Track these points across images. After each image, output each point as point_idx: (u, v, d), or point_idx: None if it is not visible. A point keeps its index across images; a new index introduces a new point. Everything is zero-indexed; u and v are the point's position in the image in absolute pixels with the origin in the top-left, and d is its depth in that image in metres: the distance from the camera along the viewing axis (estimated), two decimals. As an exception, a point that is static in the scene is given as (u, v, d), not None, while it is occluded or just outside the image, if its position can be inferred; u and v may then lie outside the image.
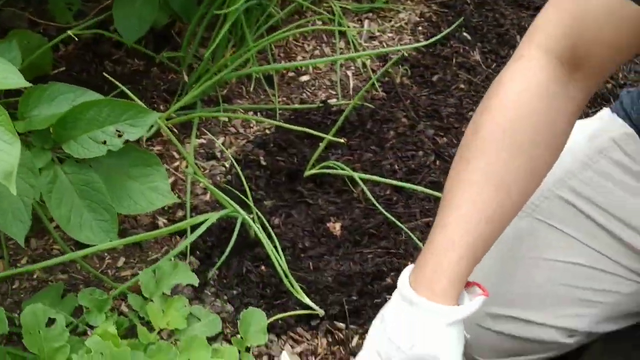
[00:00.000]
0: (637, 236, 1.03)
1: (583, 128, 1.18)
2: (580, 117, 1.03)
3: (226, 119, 1.55)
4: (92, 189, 1.10)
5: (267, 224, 1.34)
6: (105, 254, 1.30)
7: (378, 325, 0.86)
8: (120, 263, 1.30)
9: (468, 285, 0.86)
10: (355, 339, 1.25)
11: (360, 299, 1.29)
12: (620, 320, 1.12)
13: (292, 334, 1.25)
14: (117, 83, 1.25)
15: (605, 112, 1.18)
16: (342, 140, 1.46)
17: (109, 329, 1.05)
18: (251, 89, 1.64)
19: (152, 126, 1.44)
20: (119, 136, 1.10)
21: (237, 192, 1.35)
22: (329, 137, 1.39)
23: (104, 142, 1.09)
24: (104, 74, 1.31)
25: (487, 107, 0.88)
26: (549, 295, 1.06)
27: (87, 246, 1.10)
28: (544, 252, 1.07)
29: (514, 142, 0.85)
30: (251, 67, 1.55)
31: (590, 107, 1.70)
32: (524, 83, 0.87)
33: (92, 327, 1.14)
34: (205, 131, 1.52)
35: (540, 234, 1.08)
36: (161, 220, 1.36)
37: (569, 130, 0.93)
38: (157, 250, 1.33)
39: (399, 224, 1.36)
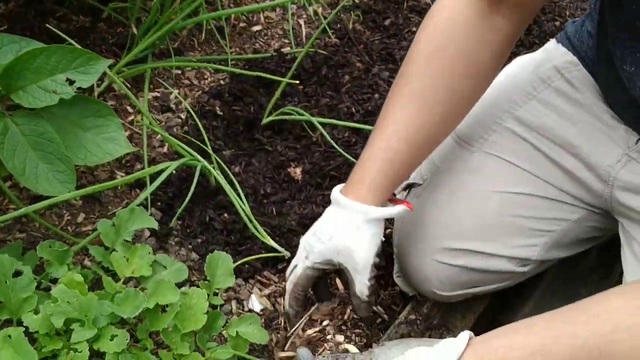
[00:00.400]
0: (580, 164, 1.06)
1: (529, 59, 1.21)
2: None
3: (179, 72, 1.53)
4: (45, 140, 1.07)
5: (228, 172, 1.33)
6: (64, 211, 1.28)
7: (310, 229, 1.03)
8: (80, 219, 1.28)
9: (398, 202, 1.02)
10: (322, 278, 1.27)
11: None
12: (571, 247, 1.16)
13: (259, 278, 1.26)
14: (63, 36, 1.22)
15: (551, 43, 1.21)
16: (297, 82, 1.46)
17: (74, 278, 1.03)
18: (202, 40, 1.61)
19: (103, 81, 1.41)
20: (70, 84, 1.07)
21: (195, 142, 1.34)
22: (286, 79, 1.38)
23: (55, 91, 1.06)
24: (49, 27, 1.27)
25: (417, 37, 0.98)
26: (501, 227, 1.10)
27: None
28: (495, 185, 1.10)
29: (435, 69, 0.95)
30: (197, 17, 1.52)
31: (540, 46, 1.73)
32: (447, 14, 0.96)
33: (55, 283, 1.13)
34: (159, 84, 1.49)
35: (490, 167, 1.11)
36: (119, 174, 1.34)
37: (496, 61, 0.99)
38: (117, 204, 1.31)
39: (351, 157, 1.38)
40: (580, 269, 1.31)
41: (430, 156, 1.16)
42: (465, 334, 0.81)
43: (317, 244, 1.00)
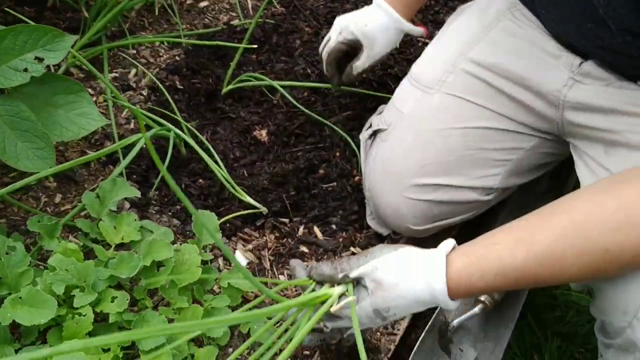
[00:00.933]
0: (532, 94, 1.16)
1: (474, 6, 1.31)
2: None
3: (134, 52, 1.55)
4: (21, 119, 1.09)
5: (200, 137, 1.38)
6: (40, 193, 1.30)
7: (348, 14, 1.38)
8: (57, 199, 1.30)
9: (418, 25, 1.36)
10: (301, 229, 1.34)
11: (298, 193, 1.37)
12: (527, 173, 1.27)
13: (241, 235, 1.31)
14: (19, 16, 1.23)
15: None
16: (254, 46, 1.52)
17: (69, 246, 1.07)
18: (152, 20, 1.64)
19: (60, 66, 1.43)
20: (39, 62, 1.09)
21: (162, 114, 1.38)
22: (243, 45, 1.43)
23: (26, 70, 1.08)
24: (8, 10, 1.28)
25: None
26: (464, 160, 1.19)
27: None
28: (455, 122, 1.19)
29: None
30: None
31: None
32: None
33: (47, 259, 1.15)
34: (115, 65, 1.51)
35: (449, 106, 1.20)
36: (91, 152, 1.36)
37: None
38: (92, 182, 1.33)
39: (322, 119, 1.45)
40: (534, 194, 1.42)
41: (392, 103, 1.25)
42: (450, 240, 0.89)
43: (352, 26, 1.32)
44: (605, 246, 0.79)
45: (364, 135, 1.33)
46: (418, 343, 1.10)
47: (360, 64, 1.35)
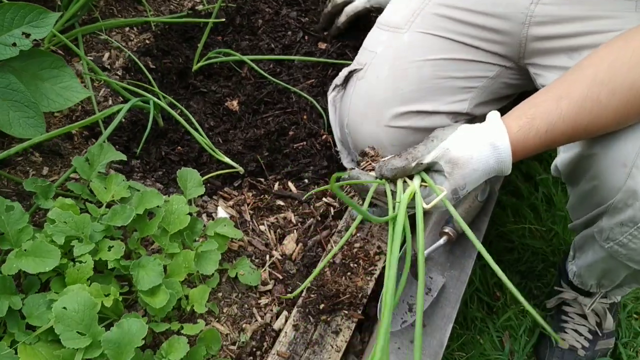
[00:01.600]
0: (499, 19, 1.27)
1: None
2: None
3: (106, 37, 1.64)
4: (12, 90, 1.17)
5: (179, 106, 1.47)
6: (28, 168, 1.37)
7: None
8: (45, 172, 1.37)
9: None
10: (276, 185, 1.45)
11: (271, 154, 1.47)
12: (491, 103, 1.39)
13: (221, 193, 1.41)
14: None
15: None
16: (223, 20, 1.63)
17: (65, 201, 1.15)
18: (120, 8, 1.73)
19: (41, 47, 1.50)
20: (27, 37, 1.18)
21: (136, 93, 1.47)
22: (211, 20, 1.53)
23: (14, 44, 1.17)
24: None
25: None
26: (436, 88, 1.31)
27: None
28: (426, 55, 1.31)
29: None
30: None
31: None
32: None
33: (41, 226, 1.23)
34: (89, 49, 1.60)
35: (420, 41, 1.32)
36: (73, 130, 1.44)
37: None
38: (77, 155, 1.41)
39: (288, 86, 1.56)
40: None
41: (364, 48, 1.36)
42: (495, 112, 1.00)
43: None
44: (631, 82, 0.91)
45: (330, 94, 1.44)
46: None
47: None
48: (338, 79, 1.38)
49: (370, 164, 1.06)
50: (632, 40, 0.95)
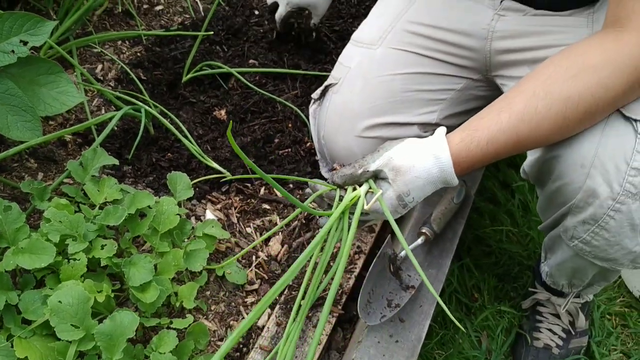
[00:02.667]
0: (462, 36, 1.36)
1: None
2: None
3: (99, 50, 1.71)
4: (10, 95, 1.23)
5: (170, 115, 1.54)
6: (23, 173, 1.43)
7: None
8: (39, 177, 1.43)
9: None
10: (262, 190, 1.51)
11: (257, 160, 1.54)
12: (459, 115, 1.47)
13: (209, 197, 1.47)
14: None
15: None
16: (211, 33, 1.70)
17: (60, 202, 1.21)
18: (113, 23, 1.80)
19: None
20: (24, 45, 1.24)
21: (128, 103, 1.54)
22: (201, 33, 1.61)
23: (12, 52, 1.23)
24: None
25: None
26: (406, 100, 1.38)
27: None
28: (397, 69, 1.38)
29: None
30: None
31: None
32: None
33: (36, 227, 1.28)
34: (83, 62, 1.67)
35: (391, 56, 1.39)
36: (67, 136, 1.51)
37: None
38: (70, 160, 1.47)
39: (274, 96, 1.63)
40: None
41: (339, 63, 1.43)
42: (442, 128, 1.07)
43: None
44: (567, 94, 0.98)
45: (311, 107, 1.51)
46: (371, 268, 1.27)
47: (314, 20, 1.69)
48: (315, 94, 1.45)
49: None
50: (569, 55, 1.02)
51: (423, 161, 1.03)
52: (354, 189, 1.08)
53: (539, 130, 1.01)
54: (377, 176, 1.07)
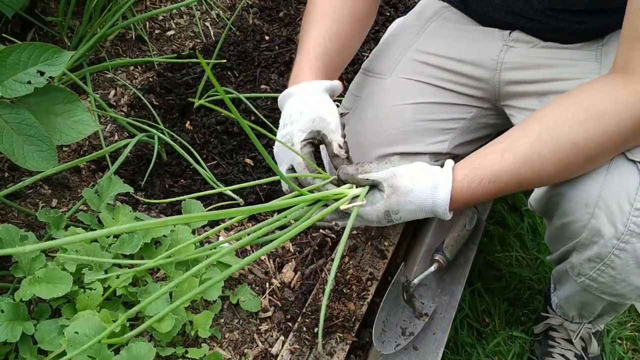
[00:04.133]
0: (472, 66, 1.37)
1: (410, 14, 1.54)
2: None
3: (112, 76, 1.72)
4: (26, 125, 1.24)
5: (183, 141, 1.55)
6: (37, 200, 1.44)
7: (278, 132, 1.17)
8: (54, 204, 1.44)
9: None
10: (275, 214, 1.51)
11: (270, 185, 1.55)
12: (470, 143, 1.48)
13: (223, 224, 1.47)
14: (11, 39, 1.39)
15: (422, 1, 1.55)
16: (224, 61, 1.72)
17: (76, 231, 1.22)
18: (125, 48, 1.82)
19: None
20: (41, 75, 1.25)
21: (141, 130, 1.55)
22: (212, 60, 1.62)
23: (29, 82, 1.24)
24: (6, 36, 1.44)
25: None
26: (417, 130, 1.39)
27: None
28: (407, 99, 1.39)
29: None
30: (126, 20, 1.73)
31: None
32: None
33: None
34: (96, 87, 1.68)
35: (401, 86, 1.40)
36: (81, 164, 1.52)
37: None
38: (85, 188, 1.48)
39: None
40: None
41: (349, 92, 1.45)
42: (450, 161, 1.06)
43: (291, 127, 1.11)
44: (573, 140, 0.98)
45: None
46: (385, 295, 1.27)
47: (336, 144, 1.11)
48: None
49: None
50: (578, 98, 1.02)
51: (421, 190, 1.02)
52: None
53: (542, 173, 1.02)
54: (376, 185, 1.05)
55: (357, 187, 1.05)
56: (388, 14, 2.09)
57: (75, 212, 1.33)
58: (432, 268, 1.38)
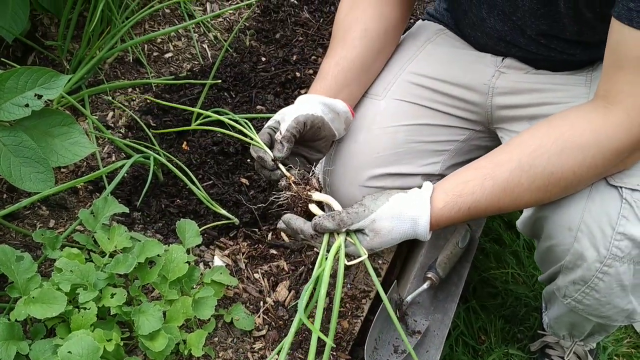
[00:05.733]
0: (464, 89, 1.39)
1: (406, 36, 1.56)
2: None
3: (110, 98, 1.75)
4: (24, 147, 1.26)
5: (179, 162, 1.57)
6: (35, 220, 1.46)
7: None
8: (51, 224, 1.46)
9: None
10: (270, 235, 1.53)
11: (265, 205, 1.56)
12: (463, 164, 1.48)
13: (217, 243, 1.50)
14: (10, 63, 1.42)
15: (418, 23, 1.58)
16: (219, 81, 1.74)
17: (72, 251, 1.23)
18: (124, 70, 1.85)
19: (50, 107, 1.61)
20: (39, 98, 1.28)
21: (137, 150, 1.57)
22: (209, 81, 1.65)
23: (27, 105, 1.27)
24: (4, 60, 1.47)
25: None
26: (410, 151, 1.40)
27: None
28: (400, 120, 1.41)
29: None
30: (124, 43, 1.76)
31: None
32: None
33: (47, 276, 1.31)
34: (94, 109, 1.71)
35: (394, 108, 1.42)
36: (78, 185, 1.54)
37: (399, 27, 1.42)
38: (82, 208, 1.50)
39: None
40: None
41: None
42: (429, 183, 1.10)
43: (287, 115, 1.22)
44: (551, 170, 1.01)
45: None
46: (377, 314, 1.28)
47: (279, 131, 1.21)
48: None
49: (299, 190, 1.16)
50: (558, 126, 1.05)
51: (402, 225, 1.07)
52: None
53: (521, 199, 1.06)
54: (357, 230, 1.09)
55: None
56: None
57: (71, 233, 1.35)
58: (425, 285, 1.39)
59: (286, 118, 1.21)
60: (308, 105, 1.22)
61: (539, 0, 1.16)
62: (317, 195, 1.14)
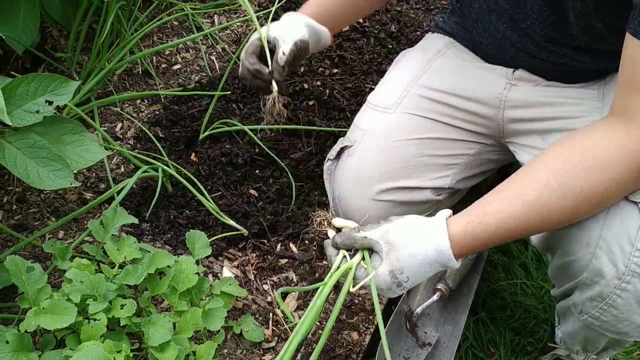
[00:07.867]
0: (475, 103, 1.39)
1: (415, 49, 1.57)
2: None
3: (118, 109, 1.76)
4: (37, 148, 1.25)
5: (187, 173, 1.57)
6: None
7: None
8: (61, 235, 1.46)
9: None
10: (279, 246, 1.53)
11: (274, 216, 1.56)
12: (472, 178, 1.49)
13: (226, 254, 1.49)
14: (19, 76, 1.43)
15: (428, 35, 1.58)
16: (228, 92, 1.75)
17: (82, 262, 1.23)
18: (132, 82, 1.86)
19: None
20: (49, 104, 1.28)
21: (146, 162, 1.57)
22: (217, 93, 1.65)
23: (37, 112, 1.27)
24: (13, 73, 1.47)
25: None
26: (420, 165, 1.40)
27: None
28: (411, 134, 1.41)
29: None
30: (133, 55, 1.77)
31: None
32: None
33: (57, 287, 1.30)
34: (103, 120, 1.71)
35: (406, 122, 1.42)
36: (87, 195, 1.54)
37: None
38: (90, 219, 1.50)
39: (278, 160, 1.67)
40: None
41: (355, 125, 1.46)
42: (447, 210, 1.07)
43: (287, 38, 1.31)
44: (580, 188, 0.98)
45: (326, 164, 1.52)
46: (388, 324, 1.27)
47: (282, 49, 1.29)
48: (331, 154, 1.47)
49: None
50: (581, 146, 1.02)
51: (419, 240, 1.02)
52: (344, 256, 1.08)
53: (550, 219, 1.03)
54: (372, 249, 1.06)
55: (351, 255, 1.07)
56: (390, 46, 2.13)
57: (80, 243, 1.35)
58: (435, 297, 1.38)
59: (287, 40, 1.29)
60: (299, 26, 1.32)
61: (548, 9, 1.17)
62: (337, 221, 1.12)
